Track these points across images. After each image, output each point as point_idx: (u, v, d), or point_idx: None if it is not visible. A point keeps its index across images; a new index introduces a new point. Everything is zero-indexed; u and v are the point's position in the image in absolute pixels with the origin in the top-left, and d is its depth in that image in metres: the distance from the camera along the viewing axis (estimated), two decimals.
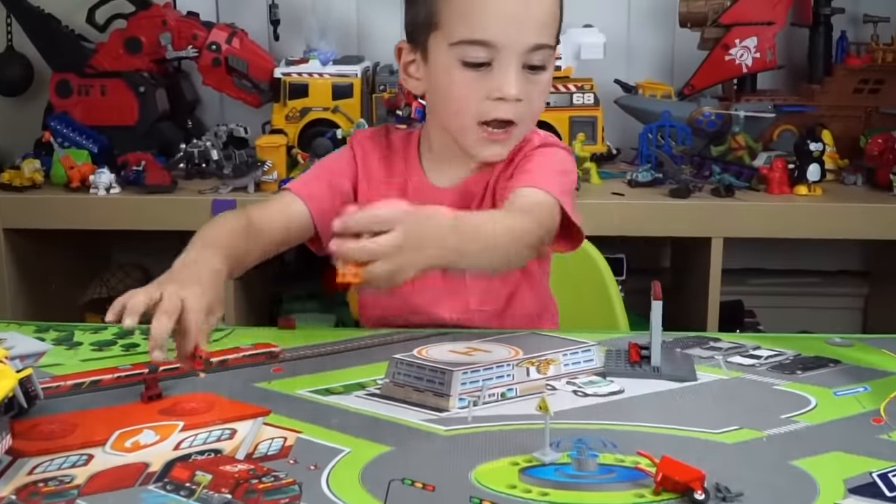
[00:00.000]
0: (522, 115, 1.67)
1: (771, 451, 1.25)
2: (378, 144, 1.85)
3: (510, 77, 1.62)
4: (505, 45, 1.61)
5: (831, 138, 2.96)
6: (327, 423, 1.32)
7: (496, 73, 1.62)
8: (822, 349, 1.62)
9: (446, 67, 1.65)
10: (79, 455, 1.24)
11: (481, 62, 1.62)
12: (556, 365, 1.54)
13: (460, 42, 1.63)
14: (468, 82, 1.64)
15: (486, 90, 1.63)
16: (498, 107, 1.64)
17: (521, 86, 1.63)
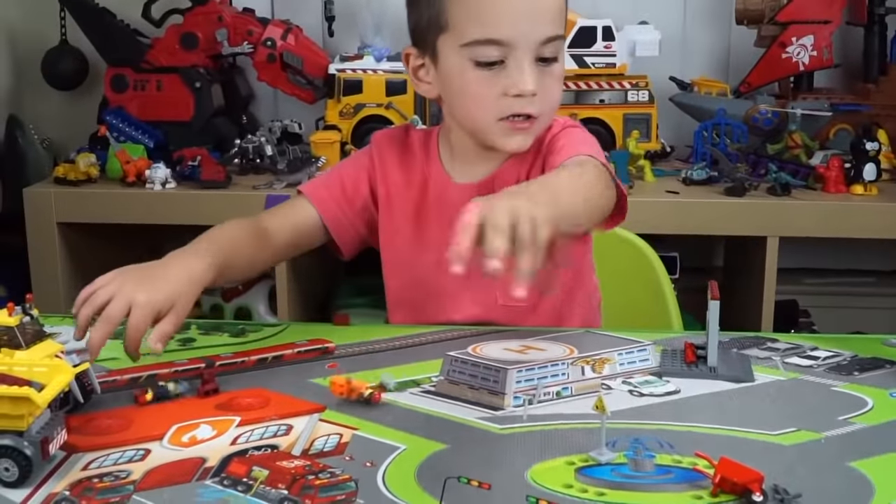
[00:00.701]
0: (541, 108, 1.65)
1: (828, 452, 1.24)
2: (396, 145, 1.84)
3: (525, 73, 1.61)
4: (517, 41, 1.60)
5: (886, 138, 2.94)
6: (383, 420, 1.32)
7: (511, 70, 1.61)
8: (879, 350, 1.61)
9: (459, 68, 1.65)
10: (135, 450, 1.25)
11: (494, 60, 1.62)
12: (612, 364, 1.53)
13: (472, 42, 1.62)
14: (483, 81, 1.63)
15: (503, 87, 1.62)
16: (516, 103, 1.63)
17: (536, 79, 1.62)
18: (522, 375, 1.48)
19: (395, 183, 1.81)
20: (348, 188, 1.82)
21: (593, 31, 3.02)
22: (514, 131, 1.66)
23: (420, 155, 1.82)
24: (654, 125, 3.04)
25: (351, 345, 1.62)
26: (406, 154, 1.83)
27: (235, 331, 1.69)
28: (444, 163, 1.80)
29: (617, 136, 3.02)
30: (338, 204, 1.82)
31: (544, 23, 1.61)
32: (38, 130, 3.39)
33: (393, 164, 1.82)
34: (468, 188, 1.74)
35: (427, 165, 1.81)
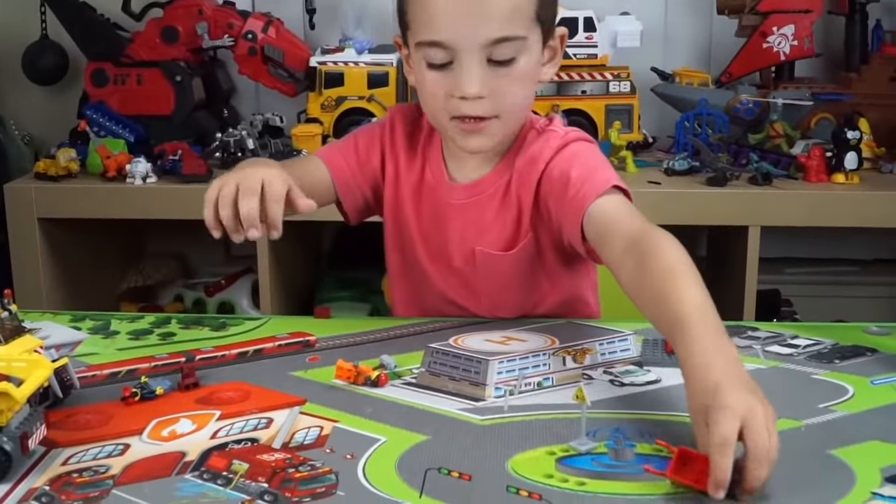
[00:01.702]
0: (494, 109, 1.62)
1: (809, 440, 1.25)
2: (409, 123, 1.83)
3: (467, 76, 1.58)
4: (459, 44, 1.57)
5: (868, 126, 2.94)
6: (363, 413, 1.32)
7: (456, 72, 1.59)
8: (860, 338, 1.61)
9: (418, 66, 1.64)
10: (115, 445, 1.25)
11: (443, 62, 1.60)
12: (593, 354, 1.53)
13: (421, 43, 1.61)
14: (435, 81, 1.62)
15: (450, 88, 1.60)
16: (462, 104, 1.60)
17: (483, 82, 1.59)
18: (504, 366, 1.48)
19: (401, 161, 1.81)
20: (361, 155, 1.82)
21: (575, 22, 3.02)
22: (466, 132, 1.64)
23: (426, 139, 1.81)
24: (635, 116, 3.04)
25: (332, 337, 1.62)
26: (415, 135, 1.82)
27: (216, 324, 1.69)
28: (444, 153, 1.79)
29: (599, 127, 3.02)
30: (350, 168, 1.80)
31: (489, 25, 1.57)
32: (19, 126, 3.38)
33: (402, 141, 1.82)
34: (458, 189, 1.75)
35: (430, 159, 1.80)
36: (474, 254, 1.74)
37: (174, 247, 3.50)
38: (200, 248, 3.52)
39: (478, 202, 1.74)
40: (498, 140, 1.68)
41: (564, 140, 1.70)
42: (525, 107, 1.70)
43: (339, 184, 1.79)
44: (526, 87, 1.66)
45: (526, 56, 1.61)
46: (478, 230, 1.72)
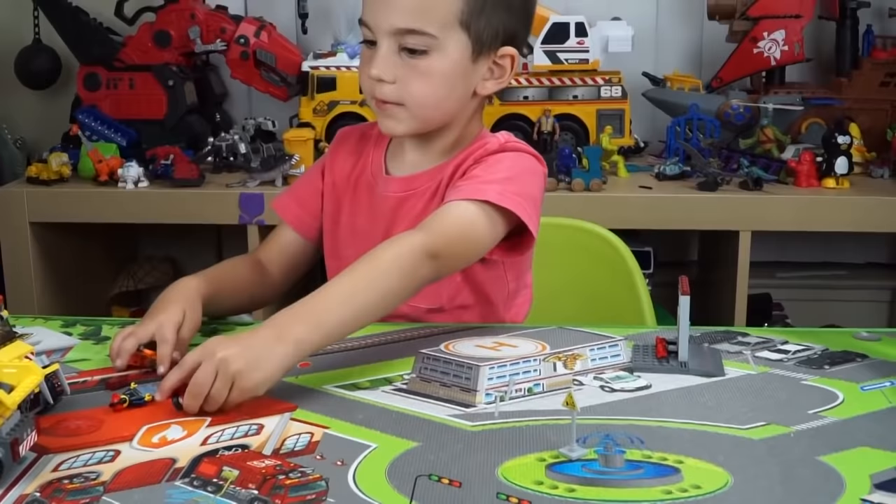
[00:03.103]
0: (398, 97, 1.69)
1: (798, 446, 1.25)
2: (354, 137, 1.90)
3: (378, 57, 1.67)
4: (374, 26, 1.68)
5: (858, 131, 2.95)
6: (354, 419, 1.32)
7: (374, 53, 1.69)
8: (850, 343, 1.61)
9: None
10: (105, 451, 1.24)
11: (370, 40, 1.69)
12: (583, 360, 1.53)
13: (360, 20, 1.72)
14: (364, 59, 1.73)
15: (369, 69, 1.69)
16: (374, 85, 1.69)
17: (388, 67, 1.67)
18: (494, 372, 1.48)
19: (340, 172, 1.87)
20: (312, 191, 1.90)
21: (566, 28, 3.03)
22: (379, 110, 1.72)
23: (371, 146, 1.86)
24: (627, 121, 3.05)
25: None
26: (359, 145, 1.88)
27: (207, 330, 1.68)
28: (388, 153, 1.84)
29: (590, 132, 3.03)
30: (308, 212, 1.89)
31: (397, 13, 1.65)
32: (11, 130, 3.38)
33: (344, 155, 1.88)
34: (392, 181, 1.80)
35: (373, 156, 1.85)
36: None
37: (166, 250, 3.50)
38: (192, 252, 3.52)
39: (412, 196, 1.78)
40: (408, 127, 1.73)
41: (501, 146, 1.75)
42: (436, 104, 1.72)
43: (305, 233, 1.89)
44: (436, 85, 1.70)
45: (440, 55, 1.67)
46: (408, 224, 1.72)
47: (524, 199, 1.67)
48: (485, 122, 1.85)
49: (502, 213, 1.65)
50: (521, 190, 1.67)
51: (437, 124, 1.75)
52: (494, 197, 1.63)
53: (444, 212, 1.63)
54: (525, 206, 1.66)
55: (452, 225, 1.62)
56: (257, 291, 1.85)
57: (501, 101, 3.03)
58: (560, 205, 2.71)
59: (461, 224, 1.62)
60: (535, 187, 1.73)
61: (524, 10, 1.77)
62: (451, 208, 1.63)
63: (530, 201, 1.68)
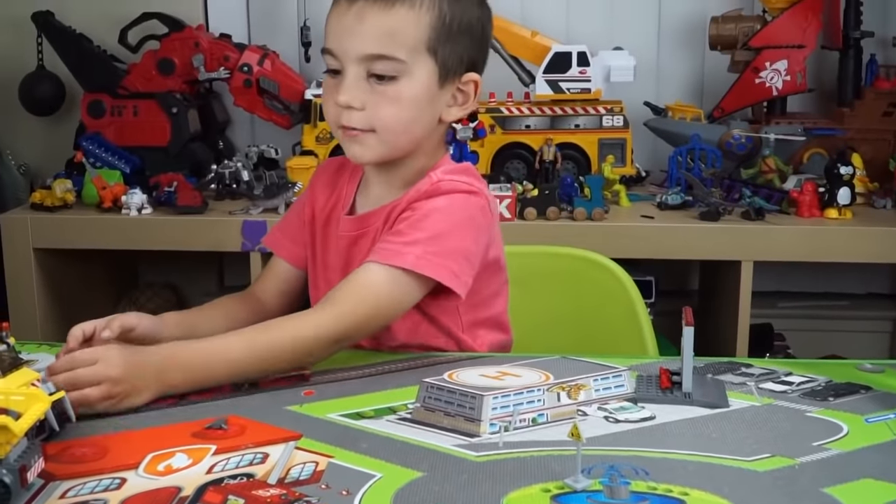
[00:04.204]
0: (367, 123, 1.70)
1: (803, 478, 1.25)
2: (333, 169, 1.93)
3: (343, 85, 1.69)
4: (341, 54, 1.69)
5: (861, 162, 2.95)
6: (358, 448, 1.32)
7: (341, 80, 1.70)
8: (854, 375, 1.61)
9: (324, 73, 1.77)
10: (111, 478, 1.25)
11: (334, 69, 1.71)
12: (587, 390, 1.54)
13: (322, 49, 1.74)
14: (328, 87, 1.75)
15: (335, 96, 1.70)
16: (342, 113, 1.70)
17: (357, 94, 1.69)
18: (498, 402, 1.48)
19: (318, 205, 1.89)
20: (299, 223, 1.92)
21: (568, 57, 3.04)
22: (346, 139, 1.73)
23: (346, 179, 1.89)
24: (628, 150, 3.06)
25: (327, 371, 1.62)
26: (335, 178, 1.91)
27: None
28: (359, 187, 1.87)
29: (592, 161, 3.03)
30: (298, 243, 1.92)
31: (368, 41, 1.67)
32: (15, 156, 3.39)
33: (321, 187, 1.91)
34: (347, 221, 1.83)
35: (346, 189, 1.87)
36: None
37: (168, 277, 3.50)
38: (194, 279, 3.52)
39: (363, 235, 1.80)
40: (377, 154, 1.74)
41: (433, 189, 1.74)
42: (404, 130, 1.73)
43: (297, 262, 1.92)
44: (406, 109, 1.72)
45: (408, 81, 1.70)
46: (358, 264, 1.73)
47: (449, 259, 1.68)
48: (487, 151, 1.86)
49: (421, 276, 1.67)
50: (447, 248, 1.68)
51: (405, 151, 1.76)
52: (412, 263, 1.65)
53: (356, 285, 1.66)
54: (450, 266, 1.67)
55: (364, 302, 1.65)
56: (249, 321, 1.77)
57: (503, 129, 3.04)
58: (562, 234, 2.72)
59: (373, 299, 1.66)
60: (467, 239, 1.72)
61: (483, 38, 1.80)
62: (365, 280, 1.66)
63: (458, 258, 1.69)
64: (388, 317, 1.69)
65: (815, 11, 3.11)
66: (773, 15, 3.14)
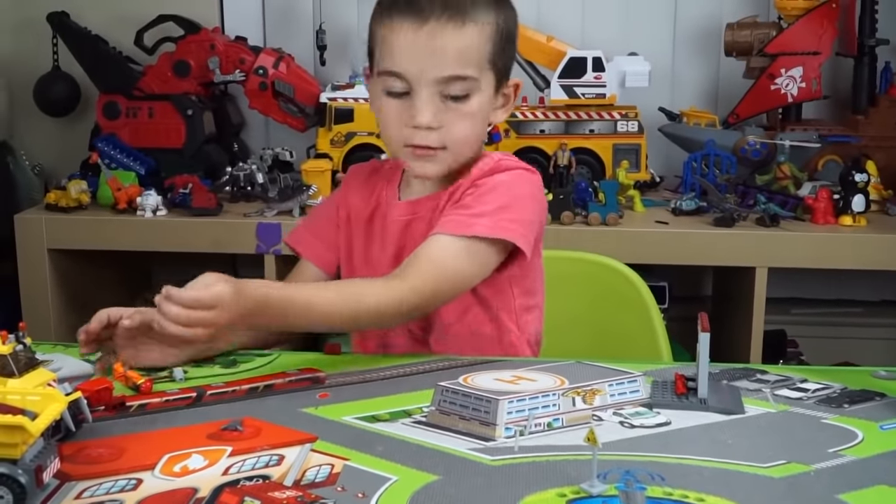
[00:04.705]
0: (443, 141, 1.74)
1: (818, 485, 1.25)
2: (366, 172, 1.95)
3: (421, 107, 1.72)
4: (416, 77, 1.71)
5: (875, 169, 2.95)
6: (374, 451, 1.32)
7: (413, 102, 1.72)
8: (868, 382, 1.61)
9: (376, 94, 1.78)
10: (127, 479, 1.25)
11: (401, 91, 1.73)
12: (602, 395, 1.54)
13: (382, 72, 1.74)
14: (392, 109, 1.75)
15: (405, 117, 1.73)
16: (416, 133, 1.73)
17: (434, 114, 1.72)
18: (514, 406, 1.48)
19: (354, 206, 1.91)
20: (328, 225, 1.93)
21: (583, 62, 3.04)
22: (417, 157, 1.76)
23: (383, 179, 1.91)
24: (643, 155, 3.05)
25: (342, 374, 1.62)
26: (372, 179, 1.92)
27: (227, 362, 1.69)
28: (401, 185, 1.89)
29: (606, 166, 3.03)
30: (327, 246, 1.92)
31: (443, 63, 1.71)
32: (30, 157, 3.40)
33: (357, 188, 1.92)
34: (399, 205, 1.85)
35: (385, 188, 1.89)
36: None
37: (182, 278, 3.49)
38: None
39: (416, 219, 1.82)
40: (446, 168, 1.79)
41: (496, 166, 1.80)
42: (474, 142, 1.80)
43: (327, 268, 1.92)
44: (475, 124, 1.77)
45: (478, 96, 1.75)
46: (413, 247, 1.76)
47: (515, 223, 1.74)
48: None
49: (494, 242, 1.72)
50: (513, 217, 1.74)
51: (468, 160, 1.80)
52: (484, 231, 1.71)
53: (429, 258, 1.71)
54: (518, 230, 1.73)
55: (438, 274, 1.71)
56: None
57: (518, 134, 3.04)
58: (576, 239, 2.71)
59: (449, 270, 1.72)
60: (531, 211, 1.79)
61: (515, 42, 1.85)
62: (437, 253, 1.71)
63: (526, 226, 1.75)
64: (462, 287, 1.75)
65: (831, 18, 3.10)
66: (788, 22, 3.13)
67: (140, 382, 1.54)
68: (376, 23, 1.77)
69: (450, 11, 1.71)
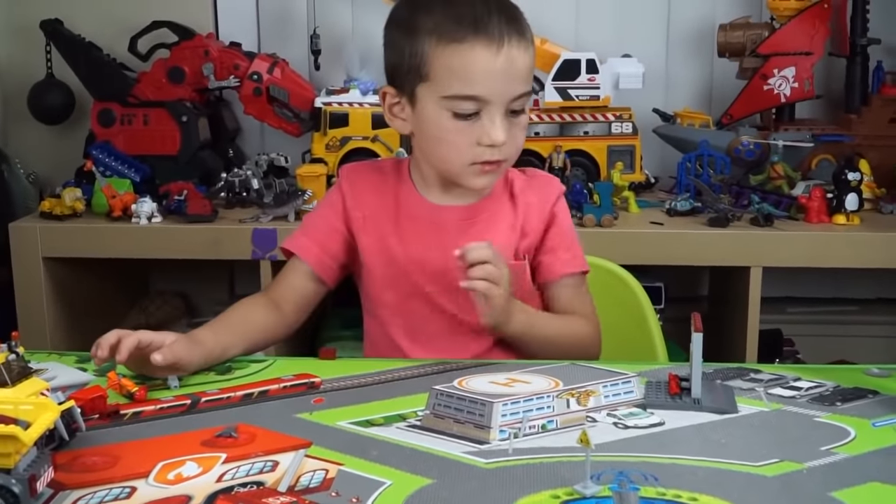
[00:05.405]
0: (507, 154, 1.79)
1: (811, 483, 1.25)
2: (367, 172, 1.95)
3: (497, 126, 1.74)
4: (493, 98, 1.74)
5: (868, 168, 2.95)
6: (368, 456, 1.33)
7: (484, 122, 1.75)
8: (861, 380, 1.62)
9: (437, 116, 1.77)
10: (121, 487, 1.25)
11: (471, 112, 1.74)
12: (596, 396, 1.54)
13: (452, 96, 1.74)
14: (459, 131, 1.76)
15: (476, 137, 1.75)
16: (486, 151, 1.76)
17: (506, 131, 1.74)
18: (508, 409, 1.48)
19: (370, 206, 1.90)
20: (330, 232, 1.91)
21: (577, 64, 3.04)
22: (482, 174, 1.79)
23: (392, 179, 1.92)
24: (637, 157, 3.06)
25: (337, 379, 1.62)
26: (378, 178, 1.93)
27: (222, 369, 1.69)
28: (417, 187, 1.90)
29: (601, 168, 3.03)
30: (329, 254, 1.91)
31: (518, 82, 1.76)
32: (24, 164, 3.39)
33: (366, 189, 1.92)
34: (456, 210, 1.86)
35: (400, 188, 1.90)
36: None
37: (178, 286, 3.50)
38: (204, 287, 3.53)
39: (475, 223, 1.86)
40: (500, 177, 1.86)
41: (561, 188, 1.96)
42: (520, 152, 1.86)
43: (326, 276, 1.91)
44: (525, 133, 1.84)
45: (527, 106, 1.80)
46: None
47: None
48: None
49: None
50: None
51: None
52: (585, 265, 1.93)
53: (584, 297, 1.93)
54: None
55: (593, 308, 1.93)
56: (271, 332, 1.88)
57: None
58: None
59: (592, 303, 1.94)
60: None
61: None
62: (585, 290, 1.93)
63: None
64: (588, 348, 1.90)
65: (823, 19, 3.11)
66: (780, 22, 3.13)
67: (134, 390, 1.54)
68: (427, 44, 1.75)
69: (517, 32, 1.75)
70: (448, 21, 1.73)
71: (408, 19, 1.79)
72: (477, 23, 1.72)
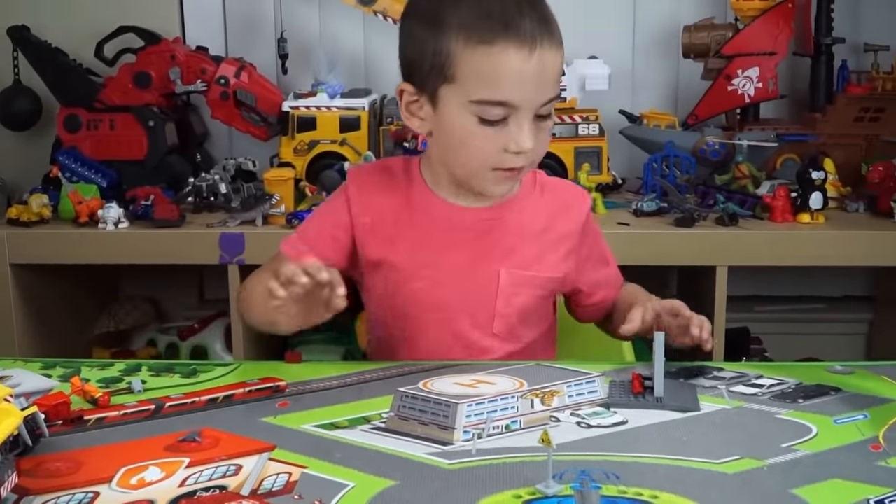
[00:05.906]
0: (533, 158, 1.74)
1: (772, 480, 1.26)
2: (376, 173, 1.89)
3: (526, 132, 1.68)
4: (523, 104, 1.67)
5: (833, 166, 2.97)
6: (332, 458, 1.33)
7: (512, 128, 1.68)
8: (824, 377, 1.63)
9: (462, 121, 1.69)
10: (84, 493, 1.25)
11: (499, 118, 1.67)
12: (561, 396, 1.55)
13: (480, 101, 1.67)
14: (486, 136, 1.69)
15: (503, 143, 1.69)
16: (513, 157, 1.70)
17: (534, 137, 1.69)
18: (472, 410, 1.49)
19: (378, 209, 1.85)
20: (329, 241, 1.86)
21: None
22: (504, 179, 1.76)
23: (402, 180, 1.87)
24: (604, 158, 3.06)
25: (302, 382, 1.63)
26: (388, 179, 1.87)
27: (187, 371, 1.69)
28: (430, 187, 1.85)
29: (568, 169, 3.04)
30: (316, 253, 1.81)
31: (549, 87, 1.69)
32: None
33: (374, 191, 1.86)
34: (477, 211, 1.83)
35: (411, 189, 1.85)
36: (498, 274, 1.82)
37: (147, 291, 3.50)
38: (173, 293, 3.52)
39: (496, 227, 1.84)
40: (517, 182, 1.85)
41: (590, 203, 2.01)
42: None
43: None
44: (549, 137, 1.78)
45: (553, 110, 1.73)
46: (504, 251, 1.82)
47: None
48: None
49: None
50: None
51: None
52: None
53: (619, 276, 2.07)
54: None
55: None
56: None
57: None
58: None
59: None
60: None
61: None
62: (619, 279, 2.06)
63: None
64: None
65: (787, 19, 3.12)
66: (745, 23, 3.15)
67: (98, 396, 1.54)
68: (454, 42, 1.66)
69: (548, 33, 1.67)
70: (476, 18, 1.65)
71: (432, 12, 1.70)
72: (508, 22, 1.63)
